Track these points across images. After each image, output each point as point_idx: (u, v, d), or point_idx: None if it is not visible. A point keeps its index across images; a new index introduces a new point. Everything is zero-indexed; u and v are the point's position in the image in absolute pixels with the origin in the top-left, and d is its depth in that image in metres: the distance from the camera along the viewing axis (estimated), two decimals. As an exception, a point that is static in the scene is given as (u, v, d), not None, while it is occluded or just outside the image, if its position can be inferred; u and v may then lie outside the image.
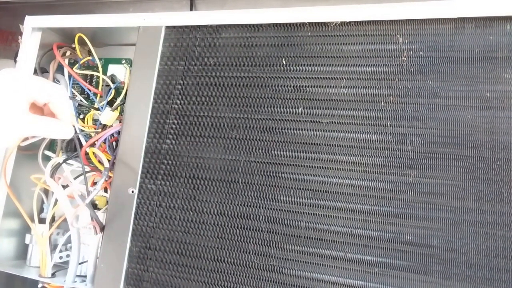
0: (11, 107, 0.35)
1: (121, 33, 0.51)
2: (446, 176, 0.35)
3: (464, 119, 0.35)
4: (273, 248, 0.38)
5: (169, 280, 0.41)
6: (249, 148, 0.41)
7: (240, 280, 0.39)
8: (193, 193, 0.42)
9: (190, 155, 0.43)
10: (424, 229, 0.35)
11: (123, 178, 0.44)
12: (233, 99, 0.42)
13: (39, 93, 0.37)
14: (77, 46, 0.52)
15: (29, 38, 0.51)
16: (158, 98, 0.45)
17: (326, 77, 0.40)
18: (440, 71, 0.37)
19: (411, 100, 0.37)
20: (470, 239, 0.34)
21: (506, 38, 0.35)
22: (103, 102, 0.49)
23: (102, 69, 0.52)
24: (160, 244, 0.42)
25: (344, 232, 0.37)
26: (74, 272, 0.45)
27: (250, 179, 0.40)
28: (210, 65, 0.44)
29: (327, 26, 0.40)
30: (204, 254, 0.40)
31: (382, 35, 0.39)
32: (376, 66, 0.38)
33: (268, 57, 0.42)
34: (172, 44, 0.46)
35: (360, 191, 0.37)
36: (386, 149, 0.37)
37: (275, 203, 0.39)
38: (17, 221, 0.50)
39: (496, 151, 0.34)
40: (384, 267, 0.35)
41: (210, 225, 0.41)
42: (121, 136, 0.45)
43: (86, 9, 0.60)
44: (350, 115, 0.38)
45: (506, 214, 0.33)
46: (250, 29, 0.43)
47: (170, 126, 0.44)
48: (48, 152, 0.52)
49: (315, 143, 0.39)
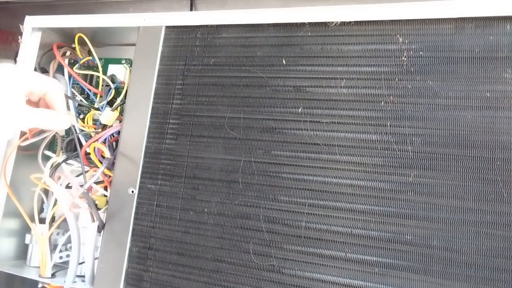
0: (10, 100, 0.35)
1: (121, 33, 0.51)
2: (446, 176, 0.35)
3: (464, 119, 0.35)
4: (273, 248, 0.38)
5: (169, 280, 0.41)
6: (249, 148, 0.41)
7: (240, 280, 0.39)
8: (193, 193, 0.42)
9: (190, 155, 0.43)
10: (424, 229, 0.35)
11: (123, 178, 0.44)
12: (233, 99, 0.42)
13: (35, 85, 0.37)
14: (77, 46, 0.52)
15: (29, 38, 0.51)
16: (158, 98, 0.45)
17: (326, 77, 0.40)
18: (440, 71, 0.37)
19: (411, 100, 0.37)
20: (470, 239, 0.34)
21: (506, 38, 0.35)
22: (103, 102, 0.49)
23: (102, 69, 0.52)
24: (160, 244, 0.42)
25: (344, 232, 0.37)
26: (74, 272, 0.45)
27: (250, 179, 0.40)
28: (210, 65, 0.44)
29: (327, 26, 0.40)
30: (204, 254, 0.40)
31: (382, 35, 0.39)
32: (376, 66, 0.38)
33: (268, 57, 0.42)
34: (172, 44, 0.46)
35: (360, 191, 0.37)
36: (386, 149, 0.37)
37: (275, 203, 0.39)
38: (17, 221, 0.50)
39: (496, 151, 0.34)
40: (384, 267, 0.35)
41: (210, 225, 0.41)
42: (121, 136, 0.45)
43: (86, 9, 0.60)
44: (350, 115, 0.38)
45: (506, 214, 0.33)
46: (250, 29, 0.43)
47: (170, 126, 0.44)
48: (48, 152, 0.52)
49: (315, 143, 0.39)
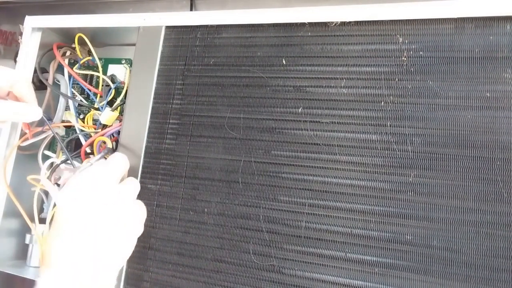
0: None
1: (121, 33, 0.51)
2: (446, 176, 0.35)
3: (464, 119, 0.35)
4: (273, 248, 0.38)
5: (169, 280, 0.41)
6: (249, 148, 0.41)
7: (240, 280, 0.39)
8: (193, 193, 0.42)
9: (190, 155, 0.43)
10: (424, 229, 0.35)
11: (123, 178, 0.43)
12: (233, 99, 0.42)
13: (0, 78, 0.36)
14: (77, 46, 0.52)
15: (29, 38, 0.51)
16: (158, 98, 0.45)
17: (326, 77, 0.40)
18: (440, 71, 0.37)
19: (411, 100, 0.37)
20: (470, 239, 0.34)
21: (506, 38, 0.35)
22: (103, 102, 0.49)
23: (102, 69, 0.52)
24: (160, 244, 0.42)
25: (344, 232, 0.37)
26: (74, 272, 0.45)
27: (250, 179, 0.40)
28: (210, 65, 0.44)
29: (327, 26, 0.40)
30: (204, 254, 0.40)
31: (382, 35, 0.39)
32: (376, 66, 0.38)
33: (268, 57, 0.42)
34: (172, 44, 0.46)
35: (360, 191, 0.37)
36: (386, 149, 0.37)
37: (275, 203, 0.39)
38: (17, 221, 0.50)
39: (496, 151, 0.34)
40: (384, 267, 0.35)
41: (210, 225, 0.41)
42: (121, 136, 0.45)
43: (86, 9, 0.60)
44: (350, 115, 0.38)
45: (506, 214, 0.33)
46: (250, 29, 0.43)
47: (170, 126, 0.44)
48: (48, 152, 0.52)
49: (315, 143, 0.39)
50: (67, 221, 0.34)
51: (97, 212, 0.35)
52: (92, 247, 0.33)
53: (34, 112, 0.39)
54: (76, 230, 0.34)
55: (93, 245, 0.33)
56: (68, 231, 0.34)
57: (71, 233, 0.34)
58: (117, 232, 0.35)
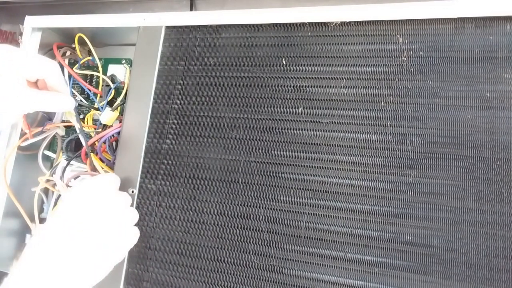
0: (11, 82, 0.35)
1: (121, 33, 0.51)
2: (446, 176, 0.35)
3: (464, 119, 0.35)
4: (273, 248, 0.38)
5: (169, 280, 0.41)
6: (249, 148, 0.41)
7: (240, 280, 0.39)
8: (193, 193, 0.42)
9: (190, 155, 0.43)
10: (424, 229, 0.35)
11: (123, 178, 0.43)
12: (233, 99, 0.42)
13: (34, 67, 0.37)
14: (77, 46, 0.52)
15: (29, 38, 0.51)
16: (158, 98, 0.45)
17: (326, 77, 0.40)
18: (440, 71, 0.37)
19: (411, 100, 0.37)
20: (470, 239, 0.34)
21: (506, 38, 0.35)
22: (103, 102, 0.49)
23: (102, 69, 0.52)
24: (160, 244, 0.42)
25: (344, 232, 0.37)
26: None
27: (250, 179, 0.40)
28: (210, 65, 0.44)
29: (327, 26, 0.40)
30: (204, 254, 0.40)
31: (382, 35, 0.39)
32: (376, 66, 0.38)
33: (268, 57, 0.42)
34: (172, 44, 0.46)
35: (360, 191, 0.37)
36: (386, 149, 0.37)
37: (275, 203, 0.39)
38: (17, 221, 0.50)
39: (496, 151, 0.34)
40: (384, 267, 0.35)
41: (210, 225, 0.41)
42: (121, 136, 0.45)
43: (86, 9, 0.60)
44: (350, 115, 0.38)
45: (506, 214, 0.33)
46: (250, 29, 0.43)
47: (170, 126, 0.44)
48: (48, 152, 0.52)
49: (315, 143, 0.39)
50: (62, 211, 0.36)
51: (92, 207, 0.36)
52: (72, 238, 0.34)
53: (67, 102, 0.40)
54: (65, 217, 0.35)
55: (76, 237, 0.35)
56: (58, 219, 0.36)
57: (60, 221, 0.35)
58: (107, 229, 0.36)
